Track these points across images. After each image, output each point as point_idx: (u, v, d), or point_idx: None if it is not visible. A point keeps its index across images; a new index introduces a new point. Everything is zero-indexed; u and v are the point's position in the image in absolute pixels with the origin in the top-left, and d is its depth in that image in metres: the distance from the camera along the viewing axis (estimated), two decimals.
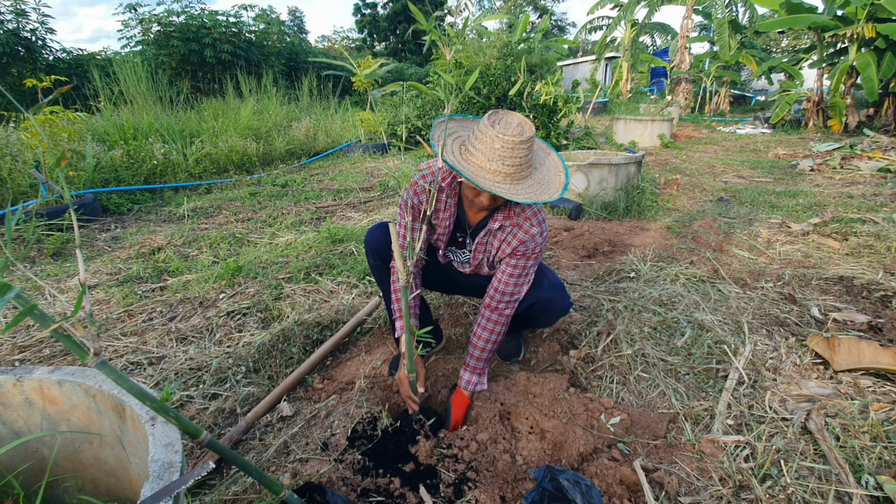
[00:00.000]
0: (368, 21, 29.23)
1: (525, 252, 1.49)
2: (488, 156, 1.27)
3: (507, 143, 1.25)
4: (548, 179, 1.37)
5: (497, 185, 1.27)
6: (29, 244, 3.17)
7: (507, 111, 1.34)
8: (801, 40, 19.50)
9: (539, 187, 1.33)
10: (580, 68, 22.22)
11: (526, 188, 1.31)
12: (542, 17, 16.55)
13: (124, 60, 7.04)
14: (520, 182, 1.30)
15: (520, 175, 1.30)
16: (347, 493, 1.27)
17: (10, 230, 0.64)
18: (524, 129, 1.28)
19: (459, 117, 1.48)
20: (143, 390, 0.76)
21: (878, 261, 2.80)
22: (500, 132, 1.25)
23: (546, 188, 1.34)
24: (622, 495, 1.27)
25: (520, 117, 1.32)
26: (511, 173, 1.28)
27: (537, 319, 1.74)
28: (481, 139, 1.28)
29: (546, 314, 1.70)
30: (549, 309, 1.67)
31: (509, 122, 1.29)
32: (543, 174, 1.39)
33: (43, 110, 3.63)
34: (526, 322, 1.76)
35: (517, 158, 1.27)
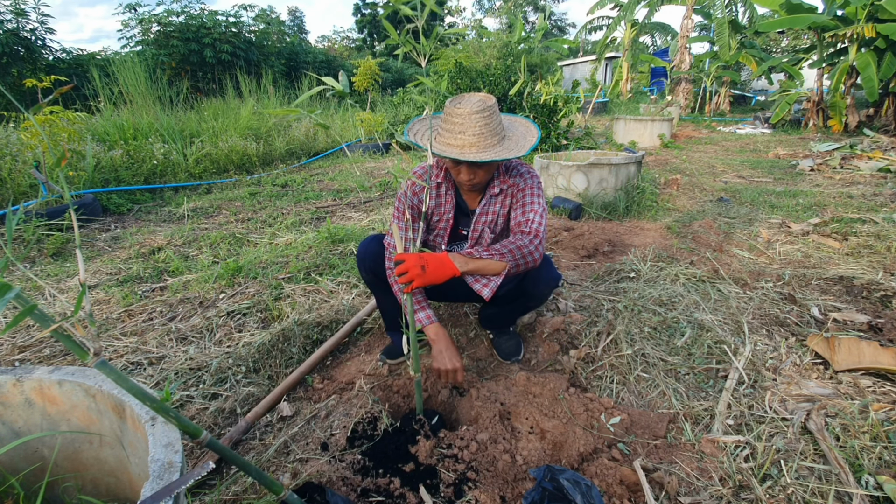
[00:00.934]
0: (368, 21, 29.22)
1: (523, 188, 1.60)
2: (452, 132, 1.38)
3: (463, 115, 1.35)
4: (519, 145, 1.45)
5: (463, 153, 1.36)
6: (29, 244, 3.17)
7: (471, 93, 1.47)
8: (801, 40, 19.50)
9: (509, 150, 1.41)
10: (580, 68, 22.22)
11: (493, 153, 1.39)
12: (540, 16, 16.52)
13: (123, 61, 7.04)
14: (487, 149, 1.39)
15: (486, 143, 1.38)
16: (347, 493, 1.27)
17: (10, 230, 0.64)
18: (484, 101, 1.38)
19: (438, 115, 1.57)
20: (143, 390, 0.76)
21: (878, 261, 2.80)
22: (458, 108, 1.36)
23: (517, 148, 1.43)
24: (622, 495, 1.27)
25: (481, 94, 1.42)
26: (476, 142, 1.37)
27: (530, 293, 1.74)
28: (446, 119, 1.39)
29: (537, 285, 1.71)
30: (539, 280, 1.70)
31: (469, 99, 1.40)
32: (515, 140, 1.47)
33: (43, 110, 3.63)
34: (521, 297, 1.76)
35: (478, 126, 1.36)
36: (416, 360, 1.39)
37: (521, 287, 1.71)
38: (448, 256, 1.43)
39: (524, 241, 1.52)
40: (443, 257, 1.43)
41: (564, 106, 6.34)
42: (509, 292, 1.71)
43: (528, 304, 1.82)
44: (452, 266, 1.42)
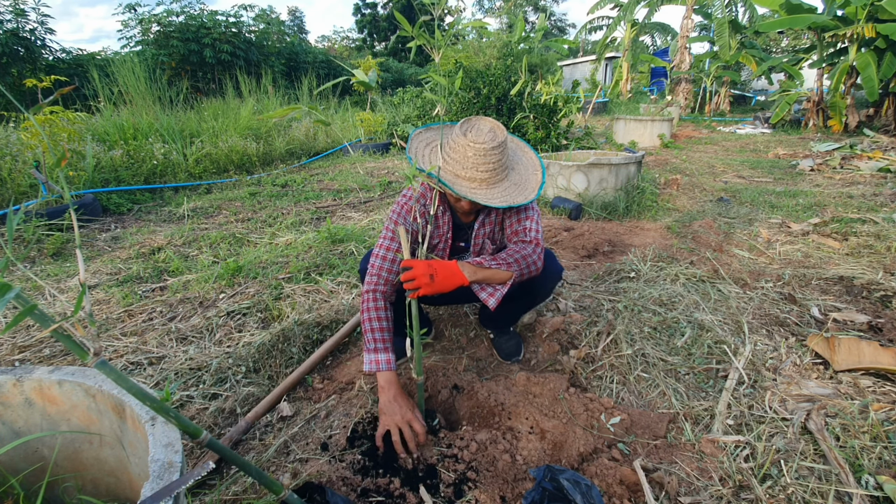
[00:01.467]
0: (368, 21, 29.23)
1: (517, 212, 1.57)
2: (462, 164, 1.31)
3: (479, 151, 1.29)
4: (524, 179, 1.42)
5: (473, 191, 1.31)
6: (29, 244, 3.17)
7: (479, 118, 1.38)
8: (801, 40, 19.50)
9: (515, 188, 1.38)
10: (580, 68, 22.22)
11: (502, 191, 1.35)
12: (540, 16, 16.52)
13: (123, 61, 7.04)
14: (496, 185, 1.35)
15: (495, 179, 1.34)
16: (347, 493, 1.27)
17: (11, 230, 0.64)
18: (496, 135, 1.32)
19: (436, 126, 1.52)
20: (143, 390, 0.76)
21: (878, 261, 2.80)
22: (471, 140, 1.29)
23: (523, 189, 1.39)
24: (622, 495, 1.27)
25: (491, 122, 1.35)
26: (486, 178, 1.32)
27: (536, 289, 1.74)
28: (455, 148, 1.32)
29: (542, 279, 1.70)
30: (545, 273, 1.69)
31: (481, 129, 1.33)
32: (520, 174, 1.43)
33: (43, 110, 3.63)
34: (526, 295, 1.75)
35: (490, 164, 1.31)
36: (419, 362, 1.39)
37: (526, 283, 1.70)
38: (457, 265, 1.39)
39: (528, 251, 1.50)
40: (452, 266, 1.38)
41: (564, 106, 6.34)
42: (514, 289, 1.71)
43: (533, 300, 1.81)
44: (461, 275, 1.37)
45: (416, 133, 1.46)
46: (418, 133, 1.47)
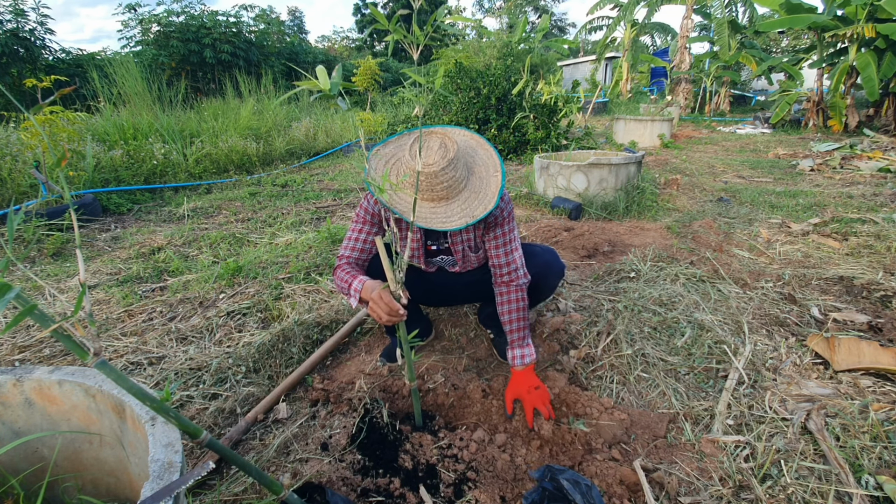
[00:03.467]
0: (368, 21, 29.23)
1: (495, 219, 1.53)
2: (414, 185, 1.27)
3: (429, 175, 1.26)
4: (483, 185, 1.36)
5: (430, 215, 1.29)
6: (29, 244, 3.17)
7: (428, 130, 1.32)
8: (801, 40, 19.49)
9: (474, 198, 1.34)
10: (580, 68, 22.23)
11: (461, 203, 1.32)
12: (542, 17, 16.50)
13: (122, 61, 7.05)
14: (455, 199, 1.32)
15: (451, 194, 1.31)
16: (347, 493, 1.27)
17: (11, 230, 0.64)
18: (447, 150, 1.28)
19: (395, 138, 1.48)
20: (143, 390, 0.76)
21: (878, 261, 2.80)
22: (422, 164, 1.25)
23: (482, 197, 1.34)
24: (622, 495, 1.27)
25: (441, 136, 1.30)
26: (444, 195, 1.30)
27: (541, 286, 1.75)
28: (406, 170, 1.30)
29: (547, 277, 1.73)
30: (549, 271, 1.72)
31: (430, 147, 1.29)
32: (478, 177, 1.38)
33: (43, 110, 3.63)
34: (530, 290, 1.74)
35: (445, 182, 1.29)
36: (411, 369, 1.39)
37: (532, 281, 1.71)
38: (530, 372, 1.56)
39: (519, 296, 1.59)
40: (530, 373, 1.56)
41: (565, 106, 6.35)
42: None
43: (537, 296, 1.81)
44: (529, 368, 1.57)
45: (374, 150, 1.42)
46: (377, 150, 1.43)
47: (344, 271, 1.51)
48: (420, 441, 1.45)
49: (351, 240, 1.60)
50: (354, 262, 1.58)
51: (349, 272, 1.49)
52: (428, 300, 1.94)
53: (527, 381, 1.53)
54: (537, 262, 1.71)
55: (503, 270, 1.59)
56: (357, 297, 1.41)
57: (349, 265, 1.56)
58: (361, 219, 1.60)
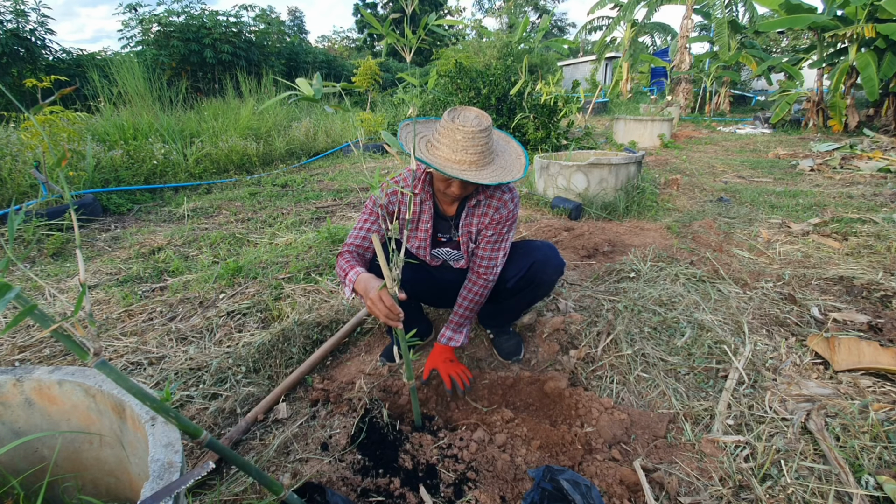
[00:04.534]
0: (368, 21, 29.23)
1: (499, 219, 1.61)
2: (452, 147, 1.39)
3: (467, 134, 1.36)
4: (510, 164, 1.50)
5: (463, 171, 1.39)
6: (29, 244, 3.17)
7: (464, 107, 1.45)
8: (801, 40, 19.49)
9: (503, 171, 1.46)
10: (580, 68, 22.22)
11: (490, 172, 1.43)
12: (542, 17, 16.50)
13: (123, 61, 7.04)
14: (484, 168, 1.42)
15: (483, 161, 1.41)
16: (347, 493, 1.27)
17: (12, 230, 0.64)
18: (481, 120, 1.41)
19: (423, 119, 1.59)
20: (143, 390, 0.76)
21: (878, 261, 2.80)
22: (459, 125, 1.37)
23: (509, 171, 1.47)
24: (622, 495, 1.27)
25: (476, 110, 1.44)
26: (474, 160, 1.40)
27: (538, 280, 1.75)
28: (444, 133, 1.40)
29: (545, 270, 1.73)
30: (547, 264, 1.73)
31: (467, 116, 1.41)
32: (505, 160, 1.51)
33: (43, 110, 3.63)
34: (528, 287, 1.76)
35: (478, 146, 1.38)
36: (409, 368, 1.39)
37: (529, 274, 1.72)
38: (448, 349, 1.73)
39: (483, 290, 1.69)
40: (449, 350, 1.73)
41: (564, 106, 6.34)
42: (516, 283, 1.73)
43: (536, 292, 1.80)
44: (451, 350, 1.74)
45: (403, 124, 1.52)
46: (406, 125, 1.53)
47: (345, 260, 1.57)
48: (420, 441, 1.45)
49: (357, 229, 1.65)
50: (357, 252, 1.62)
51: (349, 262, 1.55)
52: (429, 298, 1.95)
53: (442, 353, 1.71)
54: (536, 256, 1.72)
55: (483, 263, 1.66)
56: (351, 287, 1.47)
57: (351, 255, 1.60)
58: (369, 210, 1.65)
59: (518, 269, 1.71)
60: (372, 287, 1.34)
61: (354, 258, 1.58)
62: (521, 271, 1.71)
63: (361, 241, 1.62)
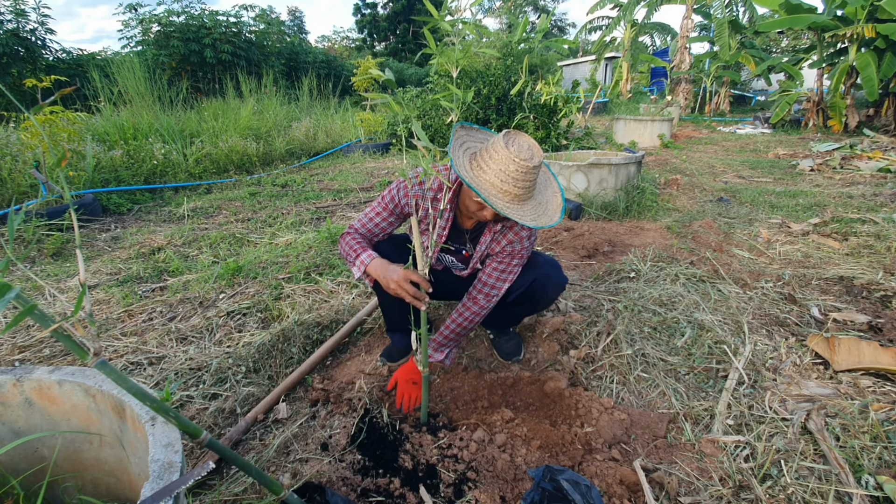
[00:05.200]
0: (368, 21, 29.25)
1: (512, 252, 1.58)
2: (500, 176, 1.31)
3: (521, 167, 1.29)
4: (547, 201, 1.44)
5: (507, 205, 1.32)
6: (29, 244, 3.17)
7: (518, 132, 1.37)
8: (800, 40, 19.49)
9: (541, 209, 1.40)
10: (580, 68, 22.22)
11: (530, 209, 1.37)
12: (542, 17, 16.50)
13: (123, 61, 7.04)
14: (525, 203, 1.36)
15: (526, 197, 1.35)
16: (347, 493, 1.27)
17: (12, 230, 0.64)
18: (534, 154, 1.33)
19: (468, 125, 1.51)
20: (143, 390, 0.76)
21: (878, 261, 2.80)
22: (515, 156, 1.28)
23: (546, 209, 1.41)
24: (622, 495, 1.27)
25: (530, 140, 1.36)
26: (519, 195, 1.33)
27: (538, 297, 1.74)
28: (495, 158, 1.31)
29: (545, 289, 1.72)
30: (548, 283, 1.71)
31: (521, 145, 1.33)
32: (543, 194, 1.45)
33: (43, 110, 3.63)
34: (528, 302, 1.76)
35: (528, 182, 1.32)
36: (425, 356, 1.39)
37: (530, 291, 1.70)
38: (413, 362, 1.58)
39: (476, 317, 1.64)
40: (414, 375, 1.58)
41: (564, 106, 6.34)
42: (518, 297, 1.71)
43: (534, 307, 1.82)
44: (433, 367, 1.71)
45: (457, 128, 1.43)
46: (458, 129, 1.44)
47: (353, 239, 1.57)
48: (420, 441, 1.45)
49: (367, 217, 1.63)
50: (365, 236, 1.61)
51: (359, 242, 1.56)
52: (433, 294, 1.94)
53: (411, 374, 1.60)
54: (538, 273, 1.68)
55: (484, 289, 1.61)
56: (362, 270, 1.50)
57: (359, 235, 1.61)
58: (384, 204, 1.61)
59: (519, 284, 1.67)
60: (393, 270, 1.42)
61: (362, 240, 1.59)
62: (522, 287, 1.68)
63: (373, 227, 1.62)
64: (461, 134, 1.45)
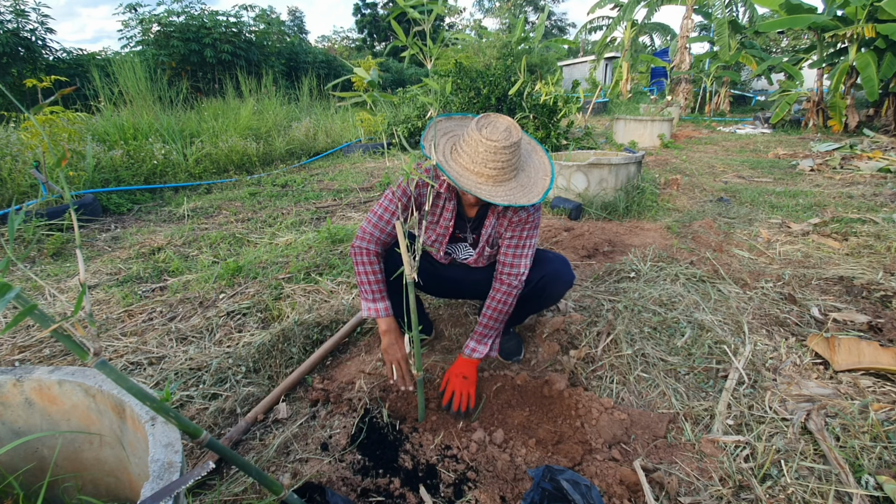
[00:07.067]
0: (368, 21, 29.25)
1: (520, 221, 1.56)
2: (473, 158, 1.33)
3: (489, 148, 1.31)
4: (532, 182, 1.43)
5: (478, 186, 1.34)
6: (29, 244, 3.17)
7: (497, 115, 1.39)
8: (801, 40, 19.49)
9: (521, 190, 1.39)
10: (580, 68, 22.22)
11: (507, 190, 1.37)
12: (540, 16, 16.49)
13: (123, 61, 7.04)
14: (502, 184, 1.36)
15: (503, 178, 1.36)
16: (347, 493, 1.27)
17: (12, 230, 0.64)
18: (511, 134, 1.33)
19: (458, 116, 1.53)
20: (143, 390, 0.76)
21: (878, 261, 2.80)
22: (485, 136, 1.31)
23: (528, 191, 1.39)
24: (622, 495, 1.27)
25: (508, 121, 1.37)
26: (493, 175, 1.34)
27: (548, 293, 1.76)
28: (468, 142, 1.34)
29: (555, 284, 1.73)
30: (558, 279, 1.71)
31: (496, 127, 1.34)
32: (529, 176, 1.44)
33: (43, 110, 3.63)
34: (538, 298, 1.77)
35: (500, 162, 1.32)
36: (419, 358, 1.40)
37: (539, 288, 1.71)
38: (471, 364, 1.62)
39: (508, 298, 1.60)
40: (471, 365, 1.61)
41: (564, 106, 6.34)
42: (525, 293, 1.72)
43: (543, 303, 1.84)
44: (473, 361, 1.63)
45: (436, 121, 1.46)
46: (439, 121, 1.47)
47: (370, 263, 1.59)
48: (420, 441, 1.45)
49: (377, 216, 1.59)
50: (376, 240, 1.60)
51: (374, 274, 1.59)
52: (433, 290, 1.95)
53: (462, 368, 1.61)
54: (547, 269, 1.70)
55: (505, 270, 1.60)
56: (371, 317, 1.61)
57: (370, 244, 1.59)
58: (397, 198, 1.57)
59: (529, 279, 1.67)
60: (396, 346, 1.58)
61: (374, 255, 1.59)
62: (532, 282, 1.69)
63: (384, 226, 1.58)
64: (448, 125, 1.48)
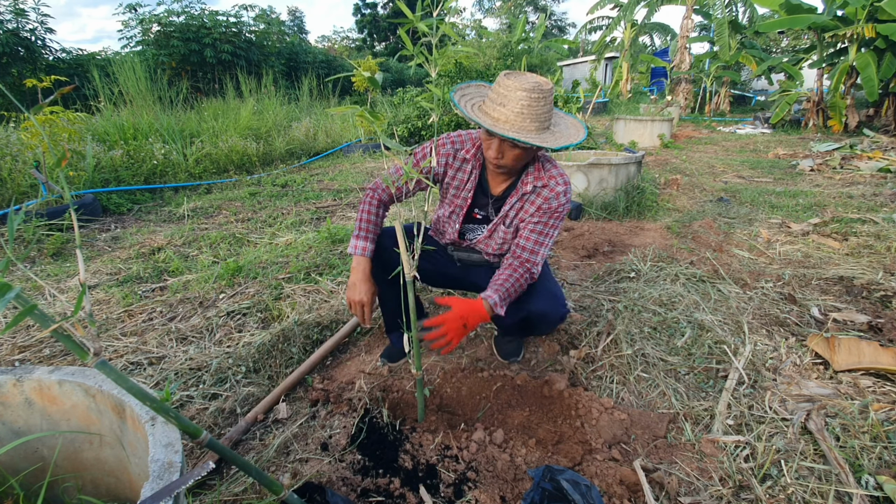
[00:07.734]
0: (368, 21, 29.26)
1: (549, 209, 1.50)
2: (495, 101, 1.28)
3: (512, 88, 1.25)
4: (565, 134, 1.38)
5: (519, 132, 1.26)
6: (29, 244, 3.17)
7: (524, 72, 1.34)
8: (801, 40, 19.49)
9: (553, 136, 1.33)
10: (580, 68, 22.22)
11: (546, 136, 1.31)
12: (540, 16, 16.49)
13: (123, 61, 7.04)
14: (523, 132, 1.29)
15: (524, 125, 1.29)
16: (347, 493, 1.27)
17: (12, 230, 0.64)
18: (538, 85, 1.28)
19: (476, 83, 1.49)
20: (143, 390, 0.76)
21: (878, 261, 2.80)
22: (508, 80, 1.26)
23: (560, 138, 1.34)
24: (622, 495, 1.27)
25: (539, 77, 1.32)
26: (513, 120, 1.28)
27: (536, 329, 1.76)
28: (500, 92, 1.28)
29: (541, 324, 1.66)
30: (543, 321, 1.63)
31: (523, 77, 1.29)
32: (562, 130, 1.39)
33: (43, 110, 3.63)
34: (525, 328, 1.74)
35: (521, 105, 1.26)
36: (418, 358, 1.39)
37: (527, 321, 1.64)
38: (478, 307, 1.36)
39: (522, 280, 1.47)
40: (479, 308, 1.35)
41: (564, 106, 6.34)
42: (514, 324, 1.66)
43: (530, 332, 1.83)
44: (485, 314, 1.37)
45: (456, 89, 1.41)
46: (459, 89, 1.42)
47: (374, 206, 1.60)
48: (420, 441, 1.45)
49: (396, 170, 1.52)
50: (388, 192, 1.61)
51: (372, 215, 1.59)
52: (430, 278, 1.90)
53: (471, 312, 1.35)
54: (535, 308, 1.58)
55: (523, 254, 1.51)
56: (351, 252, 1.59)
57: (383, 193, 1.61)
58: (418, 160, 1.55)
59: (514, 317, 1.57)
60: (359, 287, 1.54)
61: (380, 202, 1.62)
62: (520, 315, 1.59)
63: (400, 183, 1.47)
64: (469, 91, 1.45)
